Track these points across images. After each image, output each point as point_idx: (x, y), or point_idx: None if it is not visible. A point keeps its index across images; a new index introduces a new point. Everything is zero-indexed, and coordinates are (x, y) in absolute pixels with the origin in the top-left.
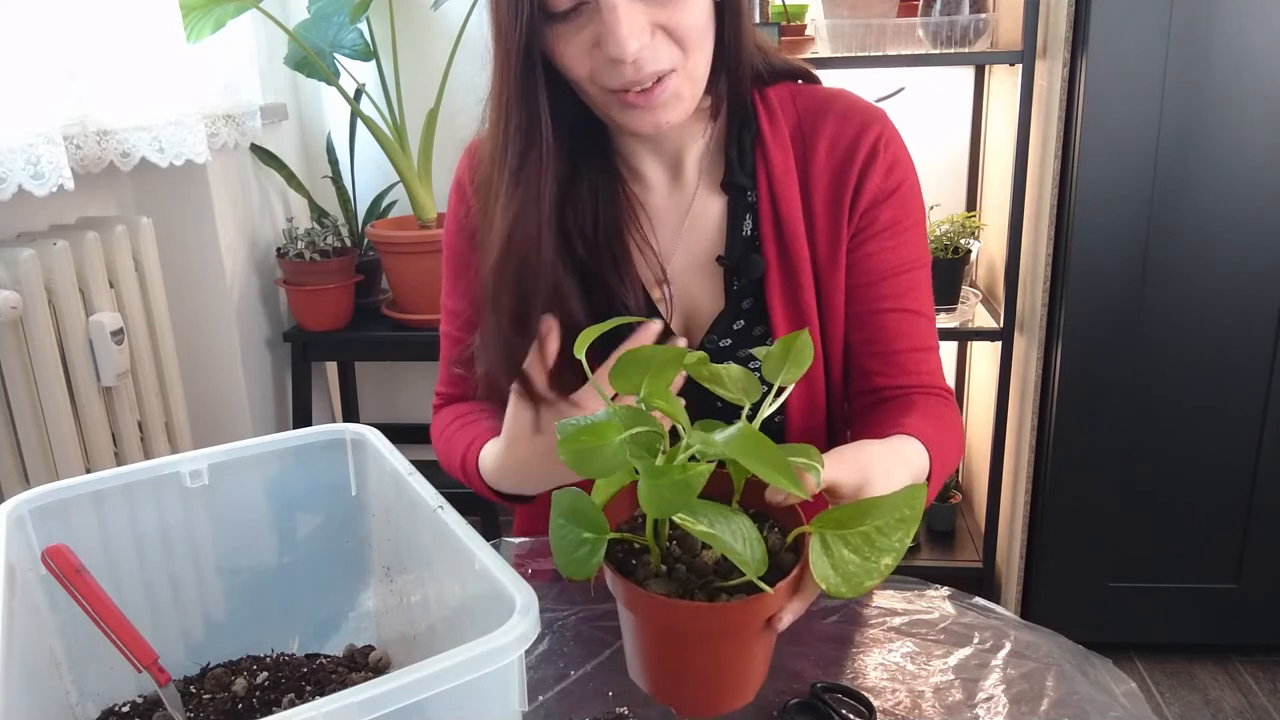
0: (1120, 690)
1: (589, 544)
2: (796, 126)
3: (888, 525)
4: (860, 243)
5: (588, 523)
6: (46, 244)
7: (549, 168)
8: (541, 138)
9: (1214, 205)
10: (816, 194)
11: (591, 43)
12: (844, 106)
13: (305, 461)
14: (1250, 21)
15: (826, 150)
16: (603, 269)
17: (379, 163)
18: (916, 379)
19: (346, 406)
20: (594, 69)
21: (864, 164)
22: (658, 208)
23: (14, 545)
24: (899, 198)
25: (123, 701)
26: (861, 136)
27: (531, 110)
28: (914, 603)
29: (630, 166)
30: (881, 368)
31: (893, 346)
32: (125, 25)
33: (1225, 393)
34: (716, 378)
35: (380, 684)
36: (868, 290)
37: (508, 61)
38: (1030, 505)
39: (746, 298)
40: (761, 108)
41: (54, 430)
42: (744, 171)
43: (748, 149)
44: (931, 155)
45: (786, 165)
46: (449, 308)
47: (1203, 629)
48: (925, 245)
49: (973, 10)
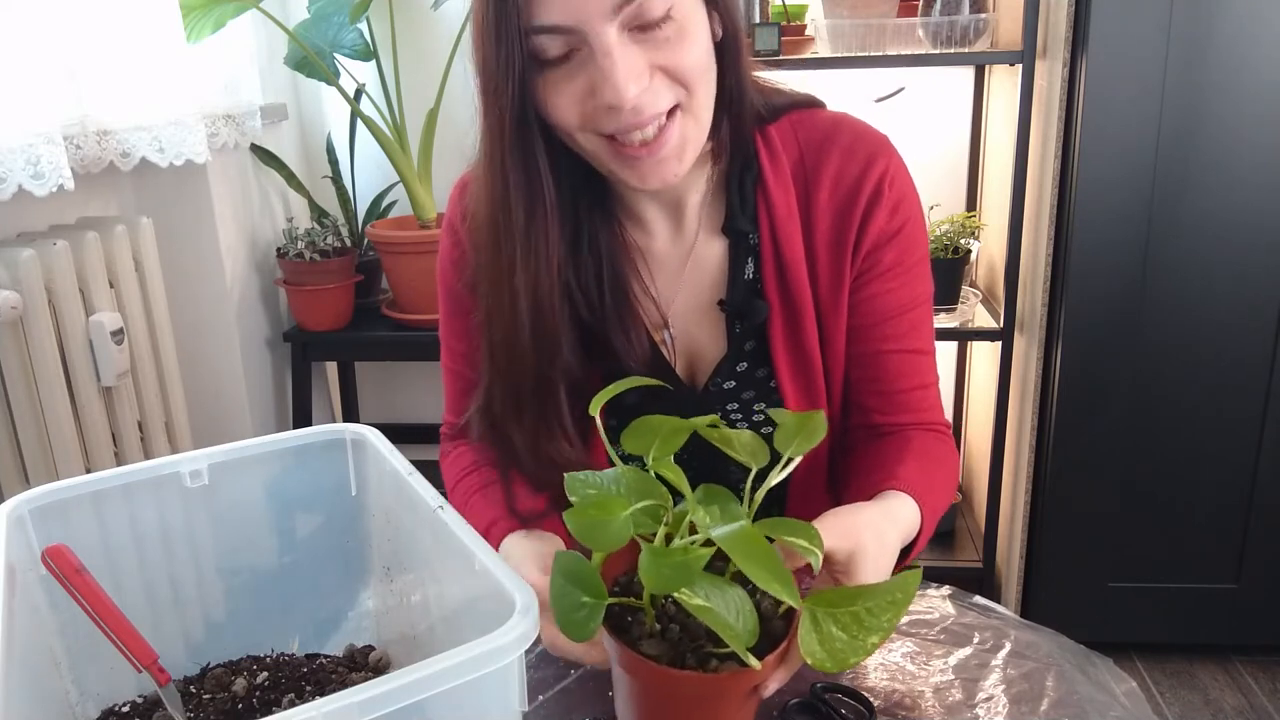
0: (1120, 690)
1: (588, 608)
2: (799, 162)
3: (878, 607)
4: (863, 284)
5: (587, 587)
6: (46, 244)
7: (554, 228)
8: (544, 197)
9: (1214, 205)
10: (819, 234)
11: (585, 91)
12: (848, 139)
13: (305, 461)
14: (1250, 21)
15: (830, 188)
16: (606, 323)
17: (379, 163)
18: (914, 416)
19: (346, 406)
20: (587, 117)
21: (868, 205)
22: (659, 253)
23: (14, 545)
24: (903, 238)
25: (123, 701)
26: (866, 174)
27: (530, 170)
28: (914, 603)
29: (630, 213)
30: (881, 406)
31: (894, 386)
32: (125, 25)
33: (1225, 393)
34: (727, 441)
35: (380, 684)
36: (870, 331)
37: (501, 122)
38: (1030, 505)
39: (749, 340)
40: (763, 147)
41: (54, 430)
42: (745, 215)
43: (749, 191)
44: (931, 155)
45: (789, 206)
46: (451, 346)
47: (1203, 629)
48: (929, 278)
49: (973, 10)
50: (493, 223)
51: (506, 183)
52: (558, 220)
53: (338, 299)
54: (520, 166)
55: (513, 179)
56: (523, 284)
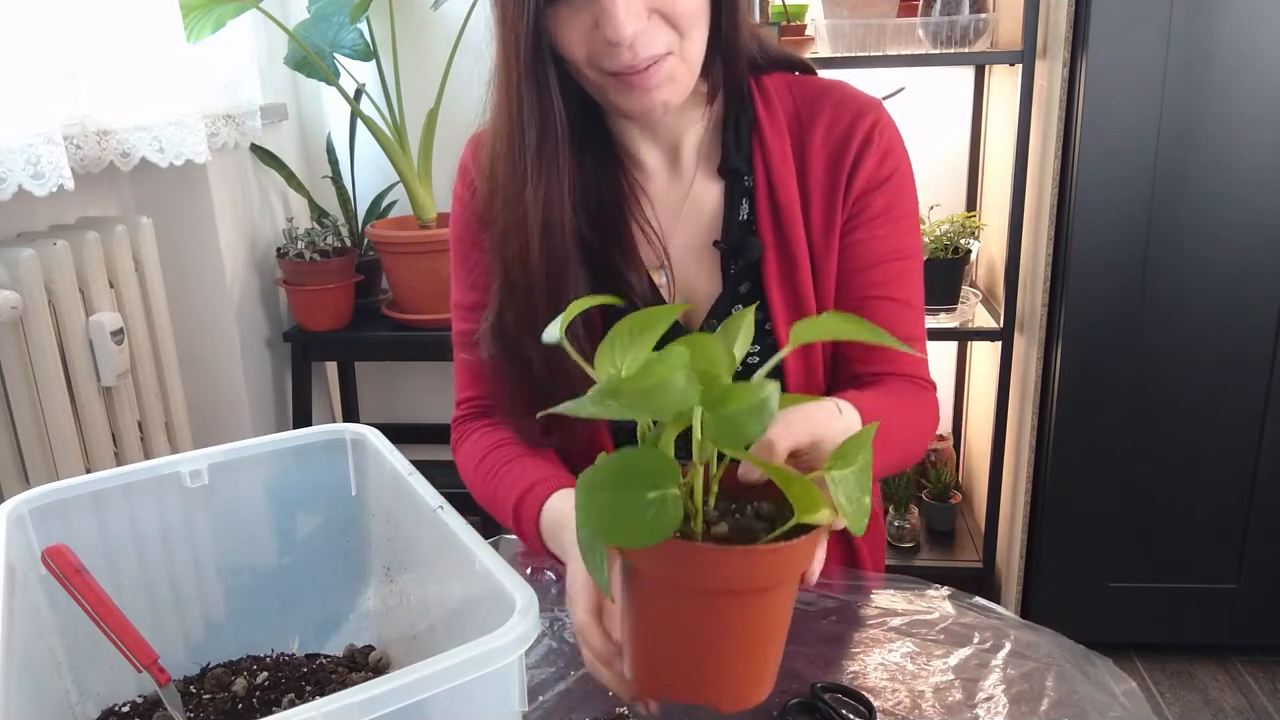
0: (1120, 690)
1: (656, 502)
2: (793, 114)
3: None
4: (852, 229)
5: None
6: (46, 244)
7: (565, 147)
8: (555, 117)
9: (1214, 205)
10: (812, 179)
11: (590, 25)
12: (840, 95)
13: (305, 461)
14: (1250, 21)
15: (822, 136)
16: (609, 250)
17: (379, 163)
18: (896, 367)
19: (346, 406)
20: (591, 52)
21: (859, 150)
22: (657, 193)
23: (14, 545)
24: (892, 185)
25: (123, 701)
26: (857, 123)
27: (543, 91)
28: (914, 603)
29: (629, 153)
30: (862, 354)
31: None
32: (125, 25)
33: (1225, 393)
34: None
35: (380, 684)
36: (856, 277)
37: (516, 45)
38: (1030, 505)
39: (744, 281)
40: (758, 94)
41: (54, 430)
42: (740, 156)
43: (744, 134)
44: (931, 155)
45: (783, 151)
46: (462, 304)
47: (1203, 629)
48: (917, 236)
49: (973, 10)
50: (508, 146)
51: (521, 108)
52: (568, 143)
53: (338, 299)
54: (534, 91)
55: (527, 104)
56: (534, 200)
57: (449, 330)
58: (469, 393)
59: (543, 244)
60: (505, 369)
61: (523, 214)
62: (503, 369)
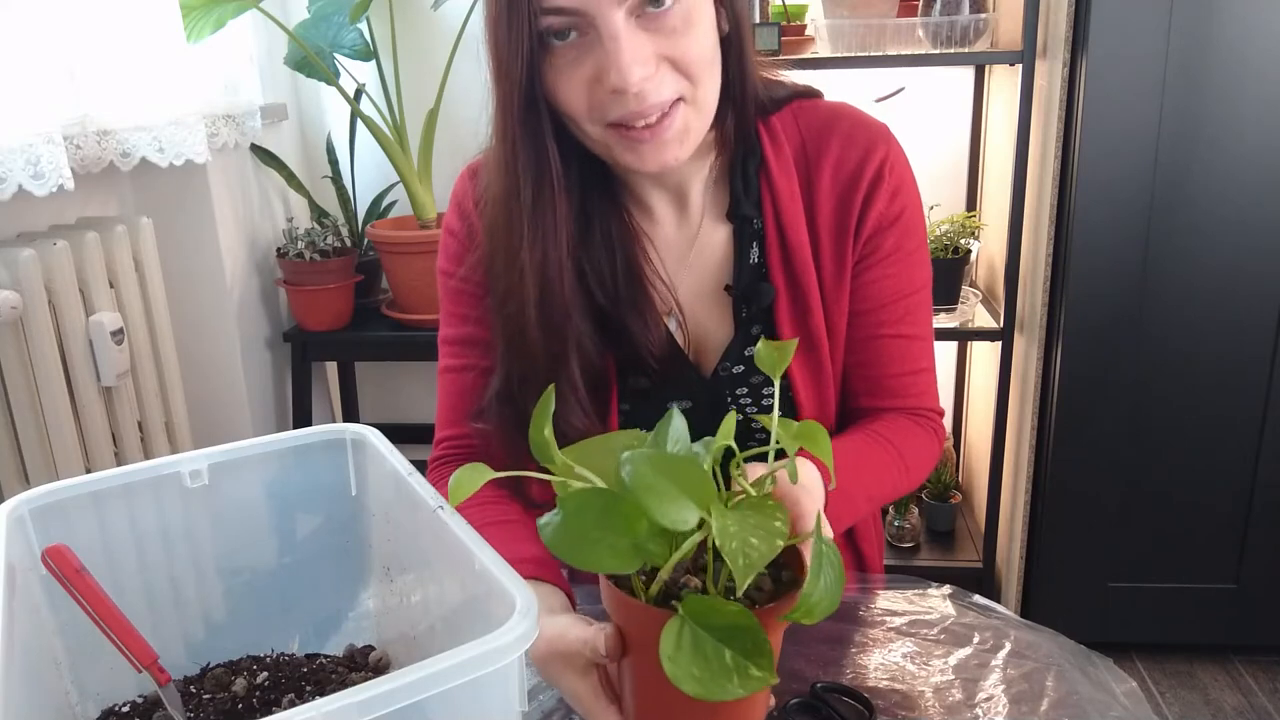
0: (1120, 690)
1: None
2: (800, 149)
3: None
4: (863, 269)
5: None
6: (46, 244)
7: (561, 206)
8: (551, 174)
9: (1214, 205)
10: (822, 220)
11: (592, 77)
12: (849, 126)
13: (305, 461)
14: (1250, 21)
15: (831, 174)
16: (620, 306)
17: (379, 163)
18: (901, 401)
19: (346, 406)
20: (594, 103)
21: (869, 190)
22: (665, 240)
23: (14, 545)
24: (902, 224)
25: (123, 701)
26: (867, 160)
27: (539, 147)
28: (914, 603)
29: (636, 200)
30: (867, 389)
31: (883, 371)
32: (125, 25)
33: (1225, 392)
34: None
35: (380, 684)
36: (867, 317)
37: (510, 98)
38: (1030, 505)
39: (756, 325)
40: (765, 136)
41: (54, 430)
42: (749, 200)
43: (753, 178)
44: (931, 155)
45: (791, 191)
46: (450, 339)
47: (1203, 629)
48: (927, 265)
49: (973, 10)
50: (505, 199)
51: (516, 160)
52: (565, 200)
53: (338, 299)
54: (529, 145)
55: (521, 158)
56: (530, 261)
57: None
58: (449, 431)
59: (540, 309)
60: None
61: (519, 275)
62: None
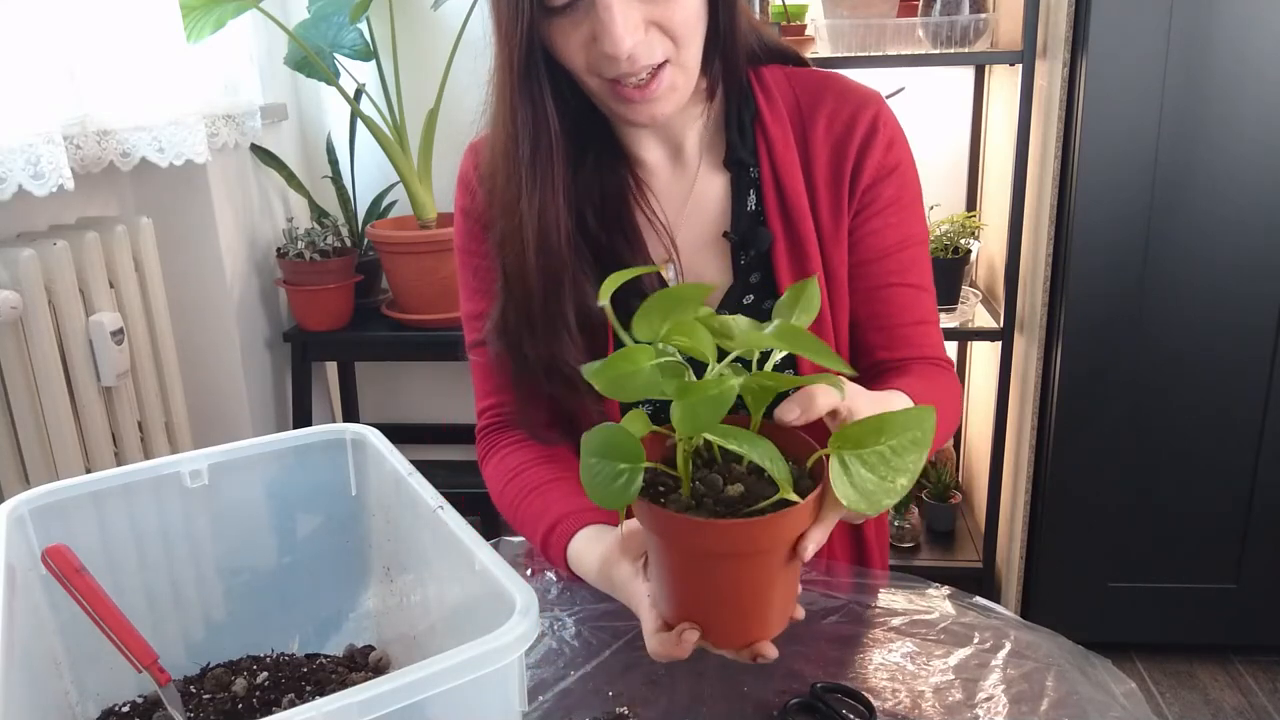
0: (1120, 690)
1: (625, 473)
2: (794, 105)
3: (901, 446)
4: (863, 220)
5: (623, 453)
6: (46, 244)
7: (559, 157)
8: (549, 129)
9: (1214, 205)
10: (817, 169)
11: (588, 38)
12: (840, 86)
13: (305, 461)
14: (1250, 22)
15: (825, 127)
16: (615, 244)
17: (379, 163)
18: (918, 351)
19: (346, 406)
20: (590, 62)
21: (863, 141)
22: (661, 188)
23: (14, 545)
24: (899, 174)
25: (123, 701)
26: (859, 114)
27: (536, 105)
28: (914, 603)
29: (632, 151)
30: (884, 341)
31: (895, 320)
32: (125, 25)
33: (1225, 393)
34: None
35: (380, 684)
36: (871, 267)
37: (510, 59)
38: (1030, 505)
39: (754, 272)
40: (758, 87)
41: (54, 430)
42: (745, 149)
43: (747, 126)
44: (931, 155)
45: (786, 141)
46: (472, 314)
47: (1203, 629)
48: (924, 220)
49: (973, 10)
50: (505, 155)
51: (515, 117)
52: (562, 151)
53: (338, 299)
54: (527, 102)
55: (520, 114)
56: (528, 209)
57: (449, 330)
58: (489, 401)
59: (538, 254)
60: (510, 365)
61: (518, 222)
62: (507, 365)
